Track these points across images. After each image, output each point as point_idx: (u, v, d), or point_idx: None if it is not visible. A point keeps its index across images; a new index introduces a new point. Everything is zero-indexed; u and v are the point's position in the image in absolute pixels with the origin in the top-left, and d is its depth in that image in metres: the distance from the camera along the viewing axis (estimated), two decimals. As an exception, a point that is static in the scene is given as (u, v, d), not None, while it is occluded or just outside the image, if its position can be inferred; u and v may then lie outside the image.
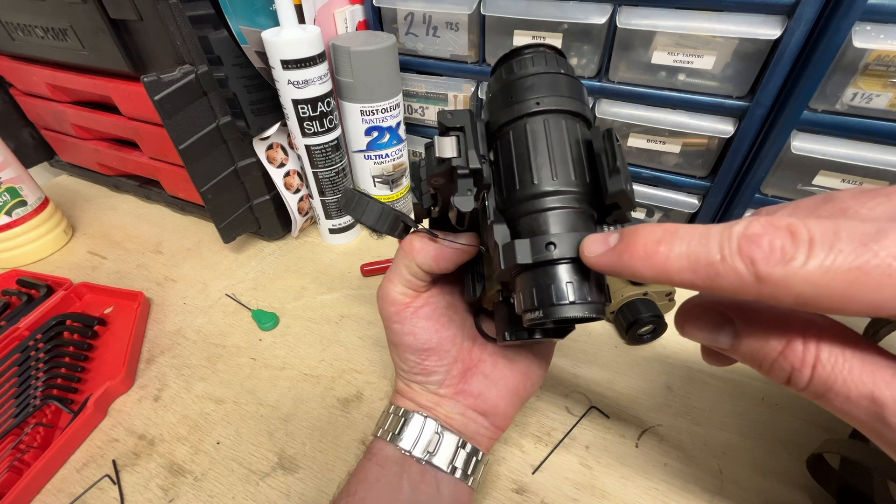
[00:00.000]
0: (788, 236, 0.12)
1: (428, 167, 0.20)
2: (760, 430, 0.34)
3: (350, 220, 0.53)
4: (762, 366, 0.15)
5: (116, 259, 0.54)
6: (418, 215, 0.26)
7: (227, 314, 0.46)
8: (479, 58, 0.48)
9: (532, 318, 0.18)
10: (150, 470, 0.34)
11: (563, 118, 0.19)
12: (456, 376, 0.27)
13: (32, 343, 0.41)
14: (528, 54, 0.21)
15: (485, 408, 0.27)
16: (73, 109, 0.56)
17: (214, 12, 0.39)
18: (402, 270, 0.25)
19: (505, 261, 0.18)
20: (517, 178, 0.19)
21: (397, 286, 0.25)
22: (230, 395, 0.38)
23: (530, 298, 0.18)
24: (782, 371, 0.14)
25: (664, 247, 0.14)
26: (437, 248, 0.24)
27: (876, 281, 0.11)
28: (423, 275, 0.25)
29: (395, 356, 0.27)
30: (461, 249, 0.23)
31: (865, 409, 0.13)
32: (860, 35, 0.32)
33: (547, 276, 0.18)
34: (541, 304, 0.18)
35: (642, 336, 0.40)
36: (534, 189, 0.19)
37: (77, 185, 0.68)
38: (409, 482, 0.24)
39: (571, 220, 0.18)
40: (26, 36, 0.50)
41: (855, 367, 0.13)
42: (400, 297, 0.25)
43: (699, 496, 0.31)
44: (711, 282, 0.13)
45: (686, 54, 0.38)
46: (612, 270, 0.16)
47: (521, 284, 0.19)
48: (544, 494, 0.31)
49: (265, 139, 0.47)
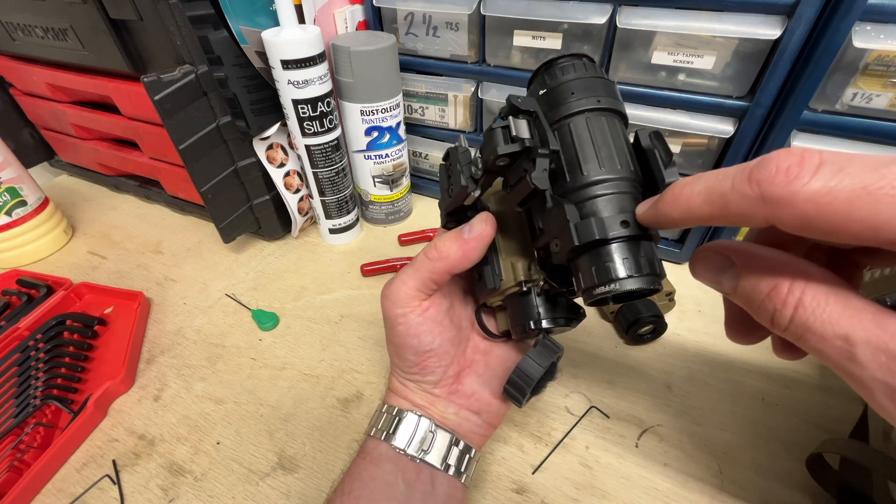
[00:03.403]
0: (797, 159, 0.12)
1: (489, 148, 0.21)
2: (760, 430, 0.34)
3: (350, 220, 0.53)
4: (751, 306, 0.16)
5: (116, 259, 0.54)
6: (454, 203, 0.25)
7: (227, 314, 0.46)
8: (479, 58, 0.48)
9: (603, 292, 0.19)
10: (150, 470, 0.34)
11: (609, 115, 0.21)
12: (451, 377, 0.27)
13: (32, 343, 0.41)
14: (567, 62, 0.23)
15: (478, 406, 0.27)
16: (73, 109, 0.56)
17: (214, 12, 0.39)
18: (423, 272, 0.25)
19: (580, 237, 0.19)
20: (579, 164, 0.20)
21: (410, 288, 0.25)
22: (230, 395, 0.38)
23: (607, 272, 0.19)
24: (766, 311, 0.15)
25: (687, 188, 0.16)
26: (462, 243, 0.24)
27: (877, 200, 0.11)
28: (446, 277, 0.25)
29: (394, 355, 0.27)
30: (484, 236, 0.24)
31: (838, 349, 0.13)
32: (860, 35, 0.32)
33: (625, 250, 0.19)
34: (618, 277, 0.19)
35: (642, 336, 0.40)
36: (591, 177, 0.20)
37: (77, 185, 0.68)
38: (404, 480, 0.24)
39: (628, 202, 0.20)
40: (26, 36, 0.50)
41: (835, 311, 0.14)
42: (410, 299, 0.25)
43: (699, 496, 0.31)
44: (724, 209, 0.14)
45: (686, 54, 0.38)
46: (654, 221, 0.18)
47: (591, 260, 0.19)
48: (544, 494, 0.31)
49: (265, 139, 0.47)
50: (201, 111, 0.42)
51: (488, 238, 0.24)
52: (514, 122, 0.20)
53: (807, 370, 0.38)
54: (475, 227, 0.24)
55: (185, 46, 0.39)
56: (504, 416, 0.29)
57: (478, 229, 0.24)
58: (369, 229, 0.57)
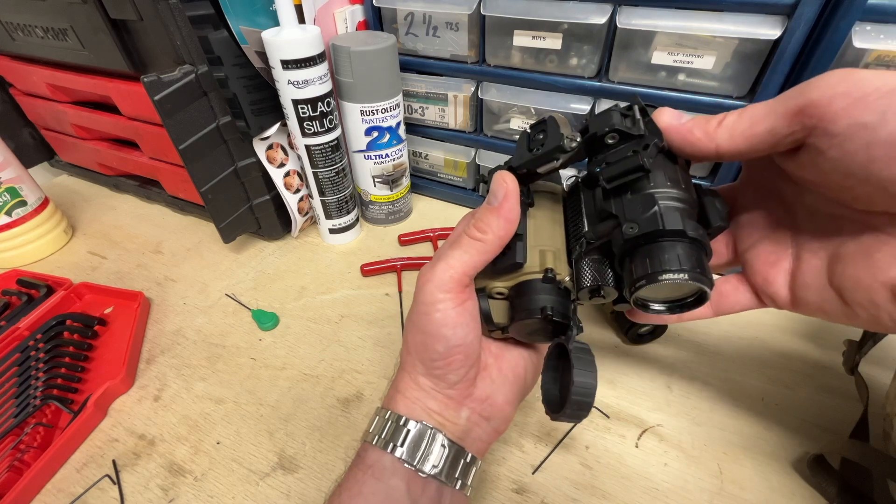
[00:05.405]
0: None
1: (602, 122, 0.24)
2: (760, 430, 0.34)
3: (350, 220, 0.53)
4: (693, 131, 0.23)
5: (116, 259, 0.54)
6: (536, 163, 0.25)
7: (227, 314, 0.46)
8: (479, 58, 0.48)
9: (671, 278, 0.21)
10: (150, 470, 0.34)
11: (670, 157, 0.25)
12: (470, 378, 0.25)
13: (32, 343, 0.41)
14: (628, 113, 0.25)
15: (490, 412, 0.26)
16: (73, 109, 0.56)
17: (214, 12, 0.39)
18: (471, 254, 0.23)
19: (666, 223, 0.21)
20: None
21: (456, 272, 0.23)
22: (230, 395, 0.38)
23: (679, 261, 0.21)
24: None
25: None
26: (498, 209, 0.23)
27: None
28: (492, 256, 0.24)
29: (419, 348, 0.24)
30: (511, 191, 0.23)
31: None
32: (860, 35, 0.32)
33: (696, 250, 0.21)
34: (687, 269, 0.21)
35: (642, 336, 0.40)
36: (659, 187, 0.23)
37: (77, 185, 0.68)
38: (411, 496, 0.23)
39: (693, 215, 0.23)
40: (26, 36, 0.50)
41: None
42: (455, 284, 0.23)
43: (699, 496, 0.31)
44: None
45: (686, 54, 0.38)
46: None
47: (665, 248, 0.21)
48: (544, 494, 0.31)
49: (265, 139, 0.47)
50: (201, 111, 0.42)
51: (516, 191, 0.23)
52: (638, 109, 0.24)
53: (807, 370, 0.38)
54: (497, 191, 0.23)
55: (185, 46, 0.39)
56: (510, 422, 0.28)
57: (501, 189, 0.23)
58: (369, 229, 0.57)
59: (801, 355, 0.39)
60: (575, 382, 0.22)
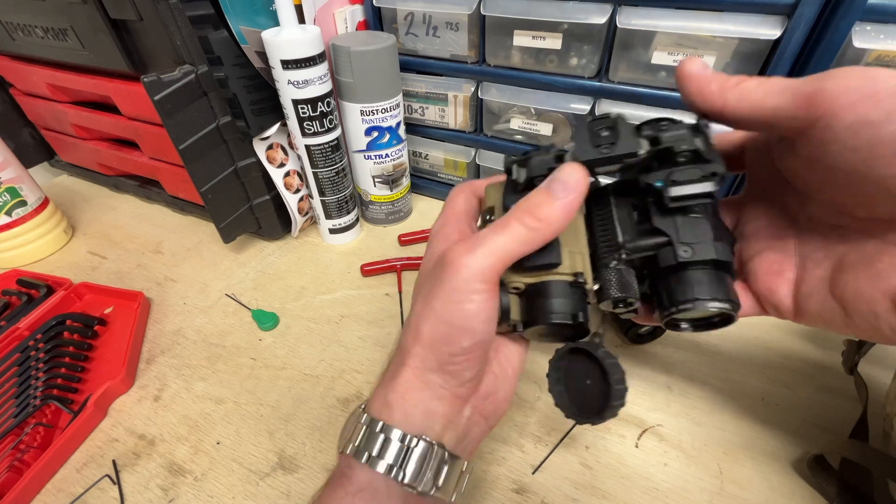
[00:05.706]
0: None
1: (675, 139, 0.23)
2: (760, 430, 0.34)
3: (350, 220, 0.53)
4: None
5: (116, 259, 0.54)
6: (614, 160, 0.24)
7: (227, 314, 0.46)
8: (479, 58, 0.48)
9: (719, 308, 0.23)
10: (150, 470, 0.34)
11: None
12: (481, 376, 0.24)
13: (32, 343, 0.41)
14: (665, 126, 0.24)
15: (491, 409, 0.25)
16: (73, 109, 0.56)
17: (214, 12, 0.39)
18: (520, 243, 0.21)
19: (719, 255, 0.23)
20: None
21: (499, 261, 0.21)
22: (230, 395, 0.38)
23: (726, 292, 0.23)
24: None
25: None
26: (563, 203, 0.21)
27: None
28: (536, 248, 0.22)
29: (439, 340, 0.22)
30: (581, 188, 0.21)
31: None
32: (860, 35, 0.32)
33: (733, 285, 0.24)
34: (733, 301, 0.23)
35: (642, 336, 0.40)
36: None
37: (77, 185, 0.68)
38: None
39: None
40: (26, 36, 0.50)
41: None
42: (494, 274, 0.21)
43: (699, 496, 0.31)
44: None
45: (686, 54, 0.38)
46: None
47: (715, 279, 0.23)
48: (544, 494, 0.31)
49: (265, 139, 0.47)
50: (201, 111, 0.42)
51: (586, 187, 0.21)
52: (709, 130, 0.23)
53: (807, 370, 0.38)
54: (568, 182, 0.21)
55: (185, 46, 0.39)
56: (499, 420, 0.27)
57: (573, 180, 0.21)
58: (369, 229, 0.57)
59: (801, 355, 0.39)
60: (614, 391, 0.23)
